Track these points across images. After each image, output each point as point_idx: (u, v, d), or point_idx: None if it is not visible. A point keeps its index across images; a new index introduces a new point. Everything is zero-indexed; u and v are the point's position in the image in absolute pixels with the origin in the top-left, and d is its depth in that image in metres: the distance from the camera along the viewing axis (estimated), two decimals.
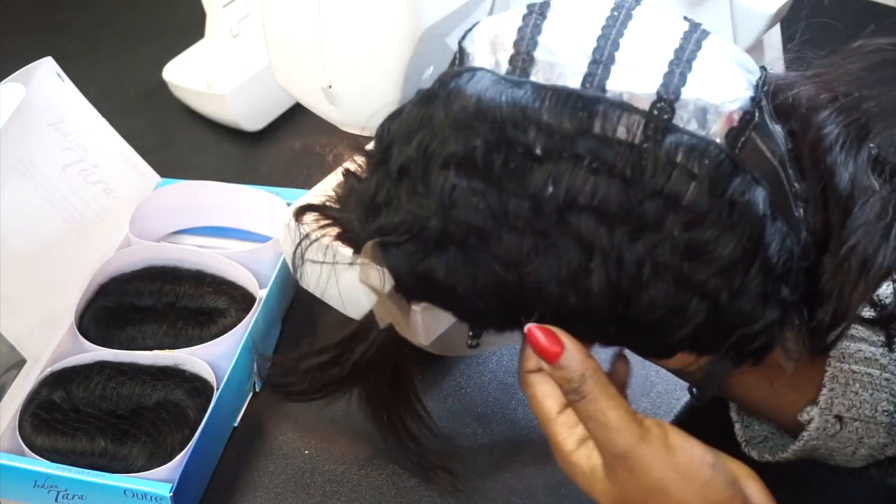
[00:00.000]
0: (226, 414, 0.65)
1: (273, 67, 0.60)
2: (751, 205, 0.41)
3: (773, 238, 0.42)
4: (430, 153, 0.43)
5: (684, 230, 0.41)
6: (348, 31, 0.53)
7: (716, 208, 0.41)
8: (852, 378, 0.48)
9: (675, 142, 0.41)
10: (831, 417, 0.48)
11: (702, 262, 0.42)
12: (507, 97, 0.42)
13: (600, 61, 0.42)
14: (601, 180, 0.41)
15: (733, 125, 0.42)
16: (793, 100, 0.46)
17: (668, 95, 0.42)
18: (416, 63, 0.54)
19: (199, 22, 0.92)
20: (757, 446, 0.54)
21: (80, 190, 0.74)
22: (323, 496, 0.62)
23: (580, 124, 0.41)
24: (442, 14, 0.53)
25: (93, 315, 0.70)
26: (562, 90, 0.42)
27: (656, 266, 0.42)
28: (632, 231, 0.42)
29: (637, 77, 0.42)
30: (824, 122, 0.45)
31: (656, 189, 0.41)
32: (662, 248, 0.42)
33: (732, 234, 0.41)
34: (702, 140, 0.41)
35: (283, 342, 0.72)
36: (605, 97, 0.42)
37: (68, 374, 0.65)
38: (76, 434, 0.61)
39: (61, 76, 0.73)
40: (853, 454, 0.49)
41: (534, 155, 0.42)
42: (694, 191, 0.41)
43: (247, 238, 0.78)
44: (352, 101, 0.57)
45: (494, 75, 0.43)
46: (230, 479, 0.63)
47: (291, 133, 0.93)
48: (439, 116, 0.43)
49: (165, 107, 0.97)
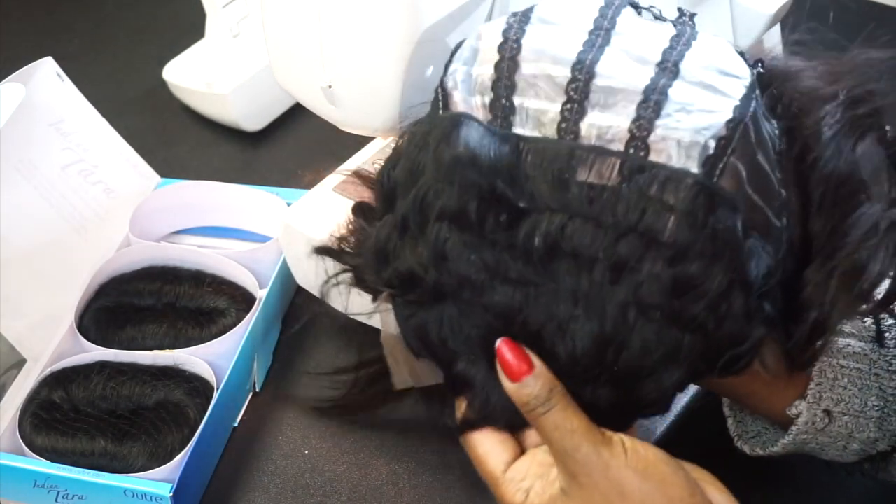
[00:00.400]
0: (226, 414, 0.65)
1: (273, 67, 0.60)
2: (732, 230, 0.41)
3: (751, 256, 0.42)
4: (426, 205, 0.43)
5: (668, 266, 0.41)
6: (348, 31, 0.53)
7: (698, 240, 0.40)
8: (840, 373, 0.48)
9: (650, 178, 0.40)
10: (820, 412, 0.48)
11: (691, 297, 0.41)
12: (494, 152, 0.42)
13: (575, 99, 0.42)
14: (577, 225, 0.41)
15: (709, 153, 0.41)
16: (791, 94, 0.45)
17: (640, 133, 0.41)
18: (416, 63, 0.54)
19: (199, 22, 0.92)
20: (749, 441, 0.54)
21: (80, 190, 0.74)
22: (323, 496, 0.62)
23: (559, 175, 0.41)
24: (442, 14, 0.53)
25: (93, 315, 0.70)
26: (540, 144, 0.42)
27: (642, 307, 0.42)
28: (612, 273, 0.41)
29: (611, 115, 0.42)
30: (820, 121, 0.44)
31: (630, 226, 0.40)
32: (647, 287, 0.41)
33: (719, 264, 0.41)
34: (676, 172, 0.40)
35: (283, 342, 0.72)
36: (580, 145, 0.42)
37: (68, 374, 0.65)
38: (76, 434, 0.61)
39: (61, 76, 0.73)
40: (844, 448, 0.50)
41: (520, 209, 0.42)
42: (673, 225, 0.40)
43: (247, 238, 0.79)
44: (352, 101, 0.57)
45: (480, 126, 0.43)
46: (230, 479, 0.63)
47: (291, 133, 0.93)
48: (431, 169, 0.43)
49: (165, 107, 0.97)
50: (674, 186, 0.40)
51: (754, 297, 0.42)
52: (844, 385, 0.48)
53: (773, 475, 0.61)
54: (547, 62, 0.43)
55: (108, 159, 0.77)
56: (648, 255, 0.41)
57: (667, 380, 0.43)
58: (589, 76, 0.42)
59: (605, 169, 0.41)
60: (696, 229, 0.40)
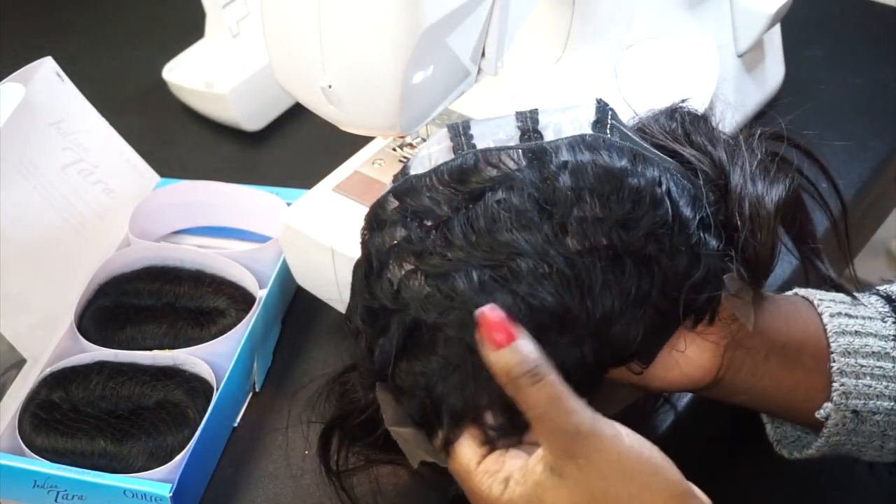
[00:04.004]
0: (226, 414, 0.65)
1: (273, 67, 0.60)
2: (644, 170, 0.46)
3: (683, 196, 0.47)
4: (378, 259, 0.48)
5: (605, 207, 0.45)
6: (348, 30, 0.53)
7: (617, 178, 0.46)
8: (862, 372, 0.49)
9: (555, 147, 0.47)
10: (848, 413, 0.49)
11: (630, 228, 0.46)
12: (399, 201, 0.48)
13: (459, 134, 0.49)
14: (509, 204, 0.46)
15: (593, 119, 0.48)
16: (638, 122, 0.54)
17: (528, 126, 0.48)
18: (415, 63, 0.54)
19: (199, 22, 0.92)
20: (788, 445, 0.54)
21: (80, 190, 0.74)
22: (323, 496, 0.62)
23: (470, 175, 0.47)
24: (442, 14, 0.53)
25: (93, 315, 0.70)
26: (440, 165, 0.48)
27: (595, 248, 0.45)
28: (560, 227, 0.45)
29: (497, 130, 0.49)
30: (669, 120, 0.53)
31: (560, 188, 0.46)
32: (593, 229, 0.45)
33: (642, 196, 0.46)
34: (576, 137, 0.47)
35: (283, 342, 0.72)
36: (478, 150, 0.48)
37: (68, 374, 0.65)
38: (76, 434, 0.61)
39: (61, 76, 0.73)
40: (882, 448, 0.50)
41: (446, 218, 0.46)
42: (592, 174, 0.46)
43: (247, 238, 0.78)
44: (352, 101, 0.57)
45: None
46: (230, 479, 0.63)
47: (291, 133, 0.93)
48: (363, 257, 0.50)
49: (165, 107, 0.97)
50: (579, 146, 0.47)
51: (694, 230, 0.47)
52: (869, 384, 0.49)
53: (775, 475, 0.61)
54: None
55: (108, 159, 0.77)
56: (582, 203, 0.45)
57: (636, 319, 0.46)
58: (465, 127, 0.49)
59: (511, 157, 0.47)
60: (614, 167, 0.46)
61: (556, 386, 0.42)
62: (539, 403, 0.42)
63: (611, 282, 0.45)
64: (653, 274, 0.46)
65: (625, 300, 0.46)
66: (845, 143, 0.81)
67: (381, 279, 0.47)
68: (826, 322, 0.51)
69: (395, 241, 0.47)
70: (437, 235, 0.46)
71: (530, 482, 0.43)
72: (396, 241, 0.47)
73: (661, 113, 0.54)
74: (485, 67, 0.60)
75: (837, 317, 0.51)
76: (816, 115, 0.85)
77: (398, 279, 0.46)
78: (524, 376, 0.42)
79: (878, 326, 0.50)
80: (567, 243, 0.45)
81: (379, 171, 0.68)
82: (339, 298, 0.66)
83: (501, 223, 0.45)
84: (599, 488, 0.41)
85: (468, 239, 0.46)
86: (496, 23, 0.58)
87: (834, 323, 0.51)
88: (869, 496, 0.62)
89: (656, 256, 0.46)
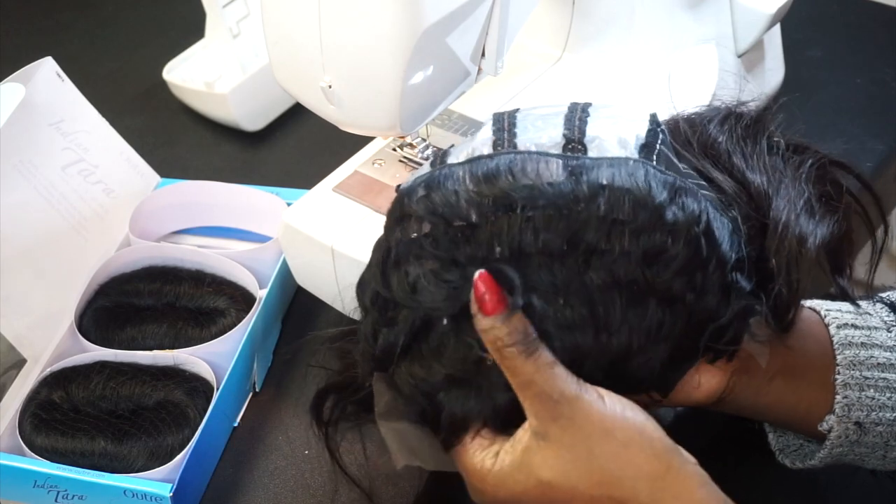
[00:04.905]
0: (226, 414, 0.65)
1: (273, 67, 0.60)
2: (685, 205, 0.44)
3: (722, 234, 0.45)
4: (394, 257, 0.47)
5: (634, 241, 0.43)
6: (348, 31, 0.53)
7: (655, 212, 0.43)
8: (866, 384, 0.49)
9: (596, 167, 0.44)
10: (851, 424, 0.49)
11: (660, 265, 0.44)
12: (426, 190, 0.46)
13: (504, 128, 0.46)
14: (539, 223, 0.44)
15: (641, 142, 0.45)
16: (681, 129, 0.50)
17: (574, 136, 0.45)
18: (416, 63, 0.54)
19: (199, 22, 0.92)
20: (790, 455, 0.54)
21: (80, 190, 0.74)
22: (323, 496, 0.62)
23: (503, 181, 0.44)
24: (442, 14, 0.53)
25: (93, 315, 0.70)
26: (476, 160, 0.45)
27: (619, 285, 0.44)
28: (585, 259, 0.44)
29: (541, 133, 0.46)
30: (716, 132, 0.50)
31: (593, 213, 0.43)
32: (620, 264, 0.43)
33: (678, 232, 0.44)
34: (619, 159, 0.44)
35: (283, 342, 0.72)
36: (518, 151, 0.45)
37: (68, 374, 0.65)
38: (76, 434, 0.61)
39: (61, 76, 0.73)
40: (884, 458, 0.50)
41: (473, 223, 0.44)
42: (629, 204, 0.43)
43: (247, 238, 0.79)
44: (352, 101, 0.57)
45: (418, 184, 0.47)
46: (230, 479, 0.63)
47: (291, 133, 0.93)
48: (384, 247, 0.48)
49: (165, 107, 0.97)
50: (620, 171, 0.44)
51: (728, 270, 0.45)
52: (872, 396, 0.49)
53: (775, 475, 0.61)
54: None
55: (108, 159, 0.77)
56: (613, 234, 0.43)
57: (654, 356, 0.45)
58: (511, 121, 0.47)
59: (550, 168, 0.44)
60: (650, 203, 0.43)
61: (544, 355, 0.44)
62: (526, 371, 0.44)
63: (631, 319, 0.44)
64: (677, 313, 0.45)
65: (644, 337, 0.45)
66: (845, 143, 0.82)
67: (399, 272, 0.46)
68: (833, 334, 0.51)
69: (418, 236, 0.46)
70: (462, 240, 0.45)
71: (518, 449, 0.45)
72: (419, 236, 0.46)
73: (713, 115, 0.51)
74: (485, 67, 0.60)
75: (844, 328, 0.51)
76: (816, 115, 0.85)
77: (415, 277, 0.46)
78: (513, 346, 0.43)
79: (884, 337, 0.50)
80: (589, 277, 0.44)
81: (379, 171, 0.68)
82: (339, 298, 0.66)
83: (526, 245, 0.44)
84: (584, 447, 0.43)
85: (491, 258, 0.44)
86: (496, 23, 0.58)
87: (840, 335, 0.51)
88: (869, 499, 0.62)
89: (683, 296, 0.44)
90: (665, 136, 0.46)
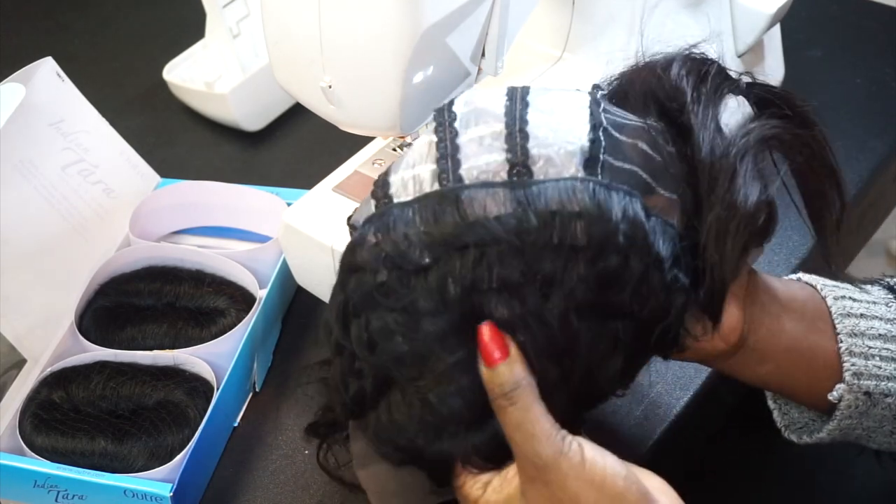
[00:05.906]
0: (226, 414, 0.65)
1: (273, 67, 0.60)
2: (635, 215, 0.43)
3: (656, 233, 0.44)
4: (346, 310, 0.46)
5: (590, 266, 0.43)
6: (348, 31, 0.53)
7: (609, 233, 0.43)
8: (871, 353, 0.49)
9: (542, 193, 0.43)
10: (861, 394, 0.49)
11: (618, 287, 0.44)
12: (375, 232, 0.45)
13: (447, 155, 0.45)
14: (492, 259, 0.43)
15: (586, 157, 0.44)
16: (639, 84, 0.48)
17: (518, 159, 0.44)
18: (416, 63, 0.54)
19: (199, 22, 0.92)
20: (796, 431, 0.54)
21: (80, 190, 0.74)
22: (323, 496, 0.62)
23: (452, 220, 0.43)
24: (442, 14, 0.53)
25: (93, 315, 0.70)
26: (423, 199, 0.44)
27: (578, 308, 0.43)
28: (542, 289, 0.43)
29: (486, 156, 0.44)
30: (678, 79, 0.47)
31: (546, 242, 0.43)
32: (577, 289, 0.43)
33: (633, 249, 0.43)
34: (565, 181, 0.43)
35: (283, 342, 0.72)
36: (464, 185, 0.44)
37: (68, 374, 0.65)
38: (76, 434, 0.61)
39: (61, 76, 0.73)
40: (891, 433, 0.50)
41: (425, 265, 0.44)
42: (582, 229, 0.43)
43: (247, 238, 0.79)
44: (352, 101, 0.57)
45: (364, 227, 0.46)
46: (230, 479, 0.63)
47: (291, 133, 0.93)
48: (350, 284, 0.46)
49: (165, 107, 0.97)
50: (569, 194, 0.43)
51: (668, 271, 0.45)
52: (879, 365, 0.49)
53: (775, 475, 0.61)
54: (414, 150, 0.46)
55: (108, 159, 0.77)
56: (570, 261, 0.43)
57: (610, 369, 0.45)
58: (453, 133, 0.45)
59: (497, 198, 0.43)
60: (603, 224, 0.43)
61: (523, 412, 0.43)
62: (509, 426, 0.44)
63: (590, 340, 0.44)
64: (630, 324, 0.45)
65: (603, 354, 0.45)
66: (845, 143, 0.82)
67: (358, 325, 0.46)
68: (830, 304, 0.51)
69: (372, 287, 0.45)
70: (417, 285, 0.44)
71: (504, 494, 0.45)
72: (374, 286, 0.45)
73: (667, 62, 0.49)
74: (485, 67, 0.60)
75: (841, 300, 0.51)
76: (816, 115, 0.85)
77: (374, 331, 0.45)
78: (500, 398, 0.43)
79: (883, 310, 0.50)
80: (547, 308, 0.43)
81: (379, 171, 0.68)
82: None
83: (480, 282, 0.43)
84: None
85: (446, 299, 0.43)
86: (496, 23, 0.58)
87: (838, 305, 0.51)
88: (867, 496, 0.62)
89: (634, 308, 0.45)
90: (608, 141, 0.45)
